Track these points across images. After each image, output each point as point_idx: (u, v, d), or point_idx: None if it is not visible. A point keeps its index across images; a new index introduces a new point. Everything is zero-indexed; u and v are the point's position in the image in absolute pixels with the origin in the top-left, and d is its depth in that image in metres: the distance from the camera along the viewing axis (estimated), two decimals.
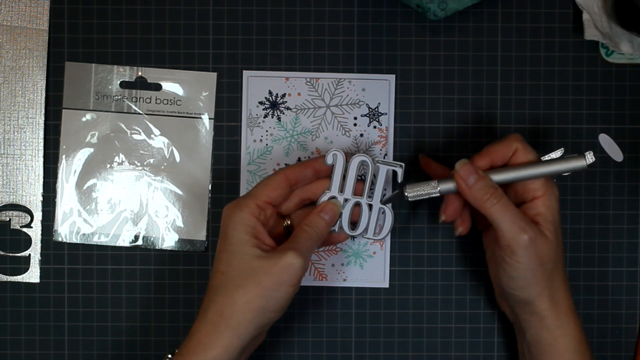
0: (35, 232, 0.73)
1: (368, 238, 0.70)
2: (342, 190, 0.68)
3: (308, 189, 0.68)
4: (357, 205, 0.68)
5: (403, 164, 0.68)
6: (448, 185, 0.65)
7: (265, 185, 0.66)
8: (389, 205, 0.68)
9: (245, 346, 0.63)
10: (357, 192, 0.68)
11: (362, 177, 0.69)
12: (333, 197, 0.67)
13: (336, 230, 0.68)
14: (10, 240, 0.74)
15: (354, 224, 0.69)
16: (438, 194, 0.66)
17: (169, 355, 0.65)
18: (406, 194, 0.66)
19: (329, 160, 0.67)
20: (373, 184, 0.68)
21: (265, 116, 0.73)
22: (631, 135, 0.74)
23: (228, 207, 0.65)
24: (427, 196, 0.66)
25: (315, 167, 0.68)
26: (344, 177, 0.67)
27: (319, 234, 0.66)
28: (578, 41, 0.73)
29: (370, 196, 0.68)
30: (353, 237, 0.72)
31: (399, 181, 0.68)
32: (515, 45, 0.73)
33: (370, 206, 0.68)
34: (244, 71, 0.73)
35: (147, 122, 0.73)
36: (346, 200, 0.68)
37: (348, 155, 0.68)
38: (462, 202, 0.67)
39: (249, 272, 0.62)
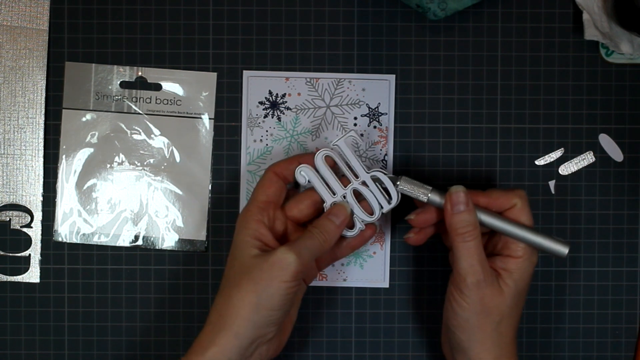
0: (35, 232, 0.73)
1: (387, 212, 0.68)
2: (333, 192, 0.68)
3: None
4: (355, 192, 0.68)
5: (354, 130, 0.71)
6: (437, 200, 0.66)
7: (259, 187, 0.67)
8: (382, 170, 0.68)
9: (245, 347, 0.63)
10: (345, 183, 0.68)
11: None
12: (334, 203, 0.68)
13: (363, 227, 0.68)
14: (10, 240, 0.74)
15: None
16: (425, 200, 0.66)
17: None
18: (398, 183, 0.66)
19: (301, 180, 0.67)
20: (350, 166, 0.68)
21: (265, 116, 0.73)
22: (631, 135, 0.74)
23: (238, 218, 0.66)
24: (415, 197, 0.66)
25: (301, 162, 0.68)
26: (326, 183, 0.67)
27: (326, 235, 0.65)
28: (578, 41, 0.73)
29: (357, 176, 0.68)
30: (379, 219, 0.71)
31: (359, 143, 0.72)
32: (515, 45, 0.73)
33: (365, 184, 0.68)
34: (244, 71, 0.73)
35: (147, 122, 0.73)
36: (344, 197, 0.68)
37: (311, 161, 0.67)
38: (436, 221, 0.67)
39: (244, 270, 0.63)
